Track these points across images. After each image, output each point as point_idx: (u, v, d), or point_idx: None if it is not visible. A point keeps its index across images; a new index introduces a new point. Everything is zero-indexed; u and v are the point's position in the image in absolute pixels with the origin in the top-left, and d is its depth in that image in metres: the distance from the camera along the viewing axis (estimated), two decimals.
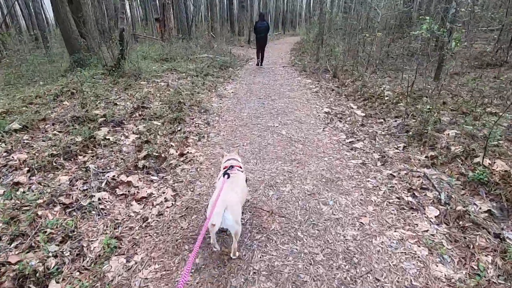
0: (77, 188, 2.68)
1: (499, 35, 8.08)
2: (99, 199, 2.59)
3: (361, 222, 2.32)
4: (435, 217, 2.35)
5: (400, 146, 3.62)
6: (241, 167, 2.35)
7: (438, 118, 3.91)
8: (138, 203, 2.64)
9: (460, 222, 2.27)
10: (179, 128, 4.36)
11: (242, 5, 22.02)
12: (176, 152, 3.61)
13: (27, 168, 2.86)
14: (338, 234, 2.20)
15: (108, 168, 3.08)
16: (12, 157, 3.04)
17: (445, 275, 1.85)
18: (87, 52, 8.15)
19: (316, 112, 5.15)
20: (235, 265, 1.96)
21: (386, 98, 5.25)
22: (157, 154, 3.40)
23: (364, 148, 3.67)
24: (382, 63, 8.58)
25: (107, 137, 3.66)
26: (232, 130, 4.39)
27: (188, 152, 3.63)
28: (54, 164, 2.96)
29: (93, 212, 2.44)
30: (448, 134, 3.59)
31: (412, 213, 2.41)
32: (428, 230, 2.21)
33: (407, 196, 2.64)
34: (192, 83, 6.93)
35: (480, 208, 2.37)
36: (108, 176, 2.90)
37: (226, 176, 2.10)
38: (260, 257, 2.02)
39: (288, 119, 4.77)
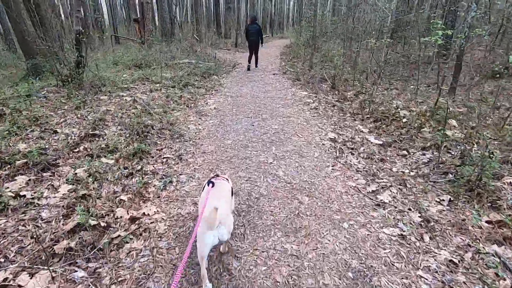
0: None
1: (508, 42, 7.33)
2: None
3: None
4: None
5: (443, 200, 2.60)
6: (228, 180, 2.17)
7: (486, 153, 2.92)
8: None
9: None
10: (139, 167, 3.20)
11: (228, 6, 20.94)
12: (127, 213, 2.45)
13: None
14: None
15: (2, 261, 1.90)
16: None
17: None
18: (45, 57, 6.85)
19: (319, 138, 4.10)
20: None
21: (404, 121, 4.27)
22: (94, 223, 2.24)
23: (394, 202, 2.63)
24: (383, 72, 7.66)
25: (21, 193, 2.47)
26: (212, 169, 3.26)
27: (144, 213, 2.48)
28: None
29: None
30: (510, 182, 2.61)
31: None
32: None
33: None
34: (167, 96, 5.76)
35: None
36: None
37: (210, 184, 1.96)
38: None
39: (285, 150, 3.69)
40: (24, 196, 2.45)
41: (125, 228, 2.30)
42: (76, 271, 1.90)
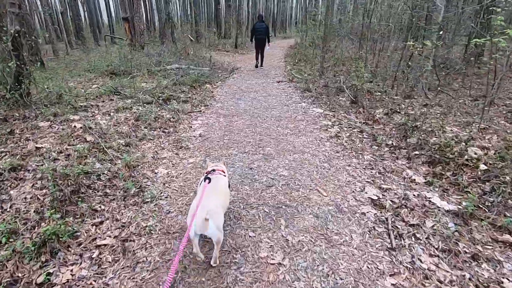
0: None
1: None
2: None
3: None
4: None
5: None
6: (224, 172, 2.24)
7: None
8: None
9: None
10: (40, 279, 1.76)
11: (228, 4, 19.48)
12: None
13: None
14: None
15: None
16: None
17: None
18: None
19: (353, 198, 2.63)
20: None
21: (482, 167, 2.78)
22: None
23: None
24: (440, 86, 6.13)
25: None
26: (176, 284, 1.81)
27: None
28: None
29: None
30: None
31: None
32: None
33: None
34: (137, 118, 4.31)
35: None
36: None
37: (207, 180, 2.01)
38: None
39: (302, 228, 2.23)
40: None
41: None
42: None
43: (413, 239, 2.13)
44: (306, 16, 22.38)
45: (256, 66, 9.97)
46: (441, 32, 5.65)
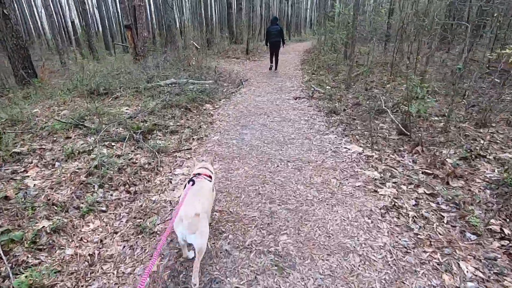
0: None
1: None
2: None
3: None
4: None
5: None
6: (210, 177, 2.16)
7: None
8: None
9: None
10: None
11: (240, 8, 18.21)
12: None
13: None
14: None
15: None
16: None
17: None
18: None
19: None
20: None
21: None
22: None
23: None
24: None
25: None
26: None
27: None
28: None
29: None
30: None
31: None
32: None
33: None
34: (91, 172, 2.95)
35: None
36: None
37: (191, 182, 1.96)
38: None
39: None
40: None
41: None
42: None
43: None
44: (323, 17, 20.74)
45: (270, 69, 9.77)
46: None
